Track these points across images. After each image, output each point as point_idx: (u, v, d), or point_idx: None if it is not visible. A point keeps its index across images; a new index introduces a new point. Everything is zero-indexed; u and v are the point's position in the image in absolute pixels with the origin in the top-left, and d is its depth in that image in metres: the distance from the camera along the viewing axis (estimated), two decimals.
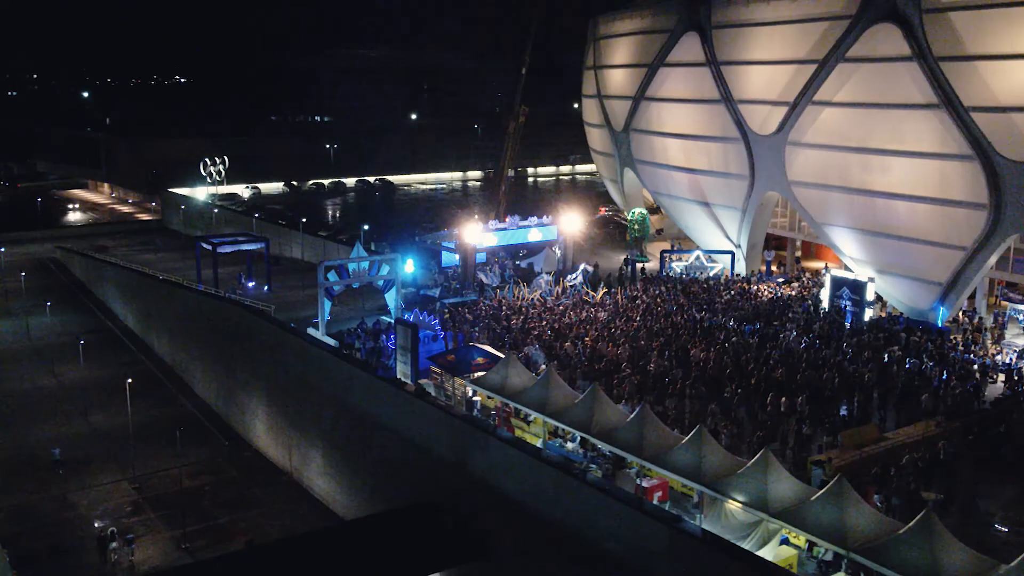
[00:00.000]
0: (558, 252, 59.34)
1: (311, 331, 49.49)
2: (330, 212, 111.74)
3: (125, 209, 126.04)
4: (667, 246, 69.02)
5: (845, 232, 50.14)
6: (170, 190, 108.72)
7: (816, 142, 49.71)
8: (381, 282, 50.65)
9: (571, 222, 59.40)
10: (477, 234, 55.38)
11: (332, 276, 49.11)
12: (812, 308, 50.39)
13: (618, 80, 66.93)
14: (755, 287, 55.54)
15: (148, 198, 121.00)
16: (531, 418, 34.17)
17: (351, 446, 42.78)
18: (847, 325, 46.84)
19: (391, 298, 50.85)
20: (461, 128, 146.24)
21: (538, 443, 33.53)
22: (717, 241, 61.78)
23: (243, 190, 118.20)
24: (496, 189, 71.31)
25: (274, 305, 54.17)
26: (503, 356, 37.51)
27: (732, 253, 59.62)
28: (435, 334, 42.59)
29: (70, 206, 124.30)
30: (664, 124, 61.76)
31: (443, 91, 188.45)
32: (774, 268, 62.60)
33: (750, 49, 53.36)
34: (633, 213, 70.26)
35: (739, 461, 27.95)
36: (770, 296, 53.18)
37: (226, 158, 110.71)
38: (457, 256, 54.94)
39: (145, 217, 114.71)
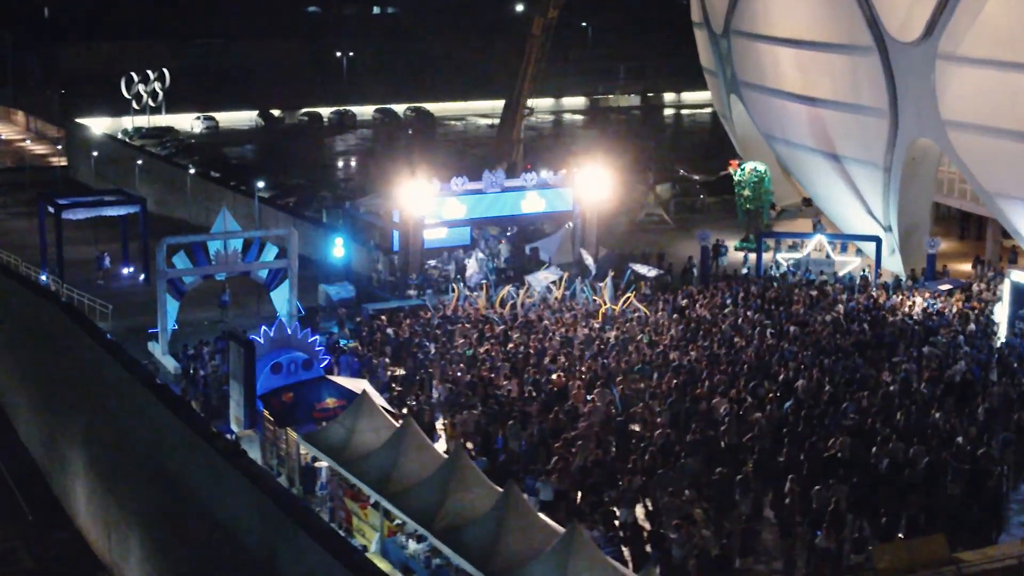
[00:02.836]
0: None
1: (152, 347, 51.17)
2: (340, 160, 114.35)
3: (38, 149, 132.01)
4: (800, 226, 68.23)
5: None
6: (79, 121, 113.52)
7: (978, 55, 49.10)
8: (265, 273, 51.77)
9: (594, 186, 59.08)
10: (429, 200, 55.80)
11: (181, 261, 50.57)
12: (983, 334, 49.38)
13: None
14: (898, 298, 54.38)
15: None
16: (373, 500, 34.42)
17: (169, 531, 44.04)
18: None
19: (281, 298, 51.90)
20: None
21: (372, 541, 33.71)
22: (860, 220, 61.35)
23: (192, 122, 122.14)
24: (509, 126, 71.67)
25: (112, 305, 56.16)
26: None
27: (877, 240, 58.52)
28: (309, 358, 43.21)
29: None
30: (773, 24, 62.13)
31: None
32: (966, 268, 61.08)
33: None
34: (743, 170, 69.44)
35: None
36: (914, 313, 51.95)
37: (165, 72, 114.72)
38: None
39: (59, 162, 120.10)
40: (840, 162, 59.92)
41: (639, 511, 35.86)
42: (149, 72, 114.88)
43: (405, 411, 41.00)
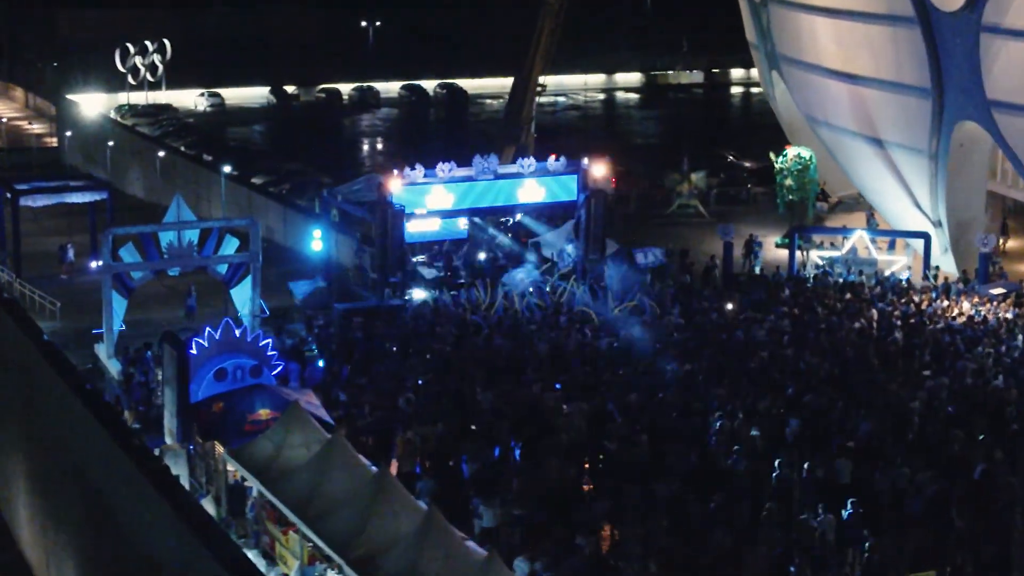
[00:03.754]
0: None
1: (99, 349, 51.63)
2: (354, 143, 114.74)
3: (36, 129, 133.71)
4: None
5: None
6: (70, 97, 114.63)
7: None
8: (224, 268, 52.10)
9: (602, 173, 59.09)
10: (411, 188, 55.90)
11: (129, 254, 50.97)
12: None
13: None
14: (945, 303, 54.02)
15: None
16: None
17: (98, 557, 44.34)
18: None
19: (242, 296, 52.16)
20: None
21: (293, 570, 33.80)
22: (910, 215, 61.27)
23: (196, 99, 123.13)
24: (518, 105, 71.71)
25: (60, 303, 56.79)
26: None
27: (926, 237, 58.10)
28: (257, 364, 43.40)
29: None
30: None
31: None
32: None
33: None
34: (784, 157, 69.15)
35: None
36: (957, 321, 51.56)
37: (166, 43, 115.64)
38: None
39: (54, 144, 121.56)
40: (884, 148, 59.95)
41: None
42: (147, 43, 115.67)
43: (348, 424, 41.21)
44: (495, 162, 57.71)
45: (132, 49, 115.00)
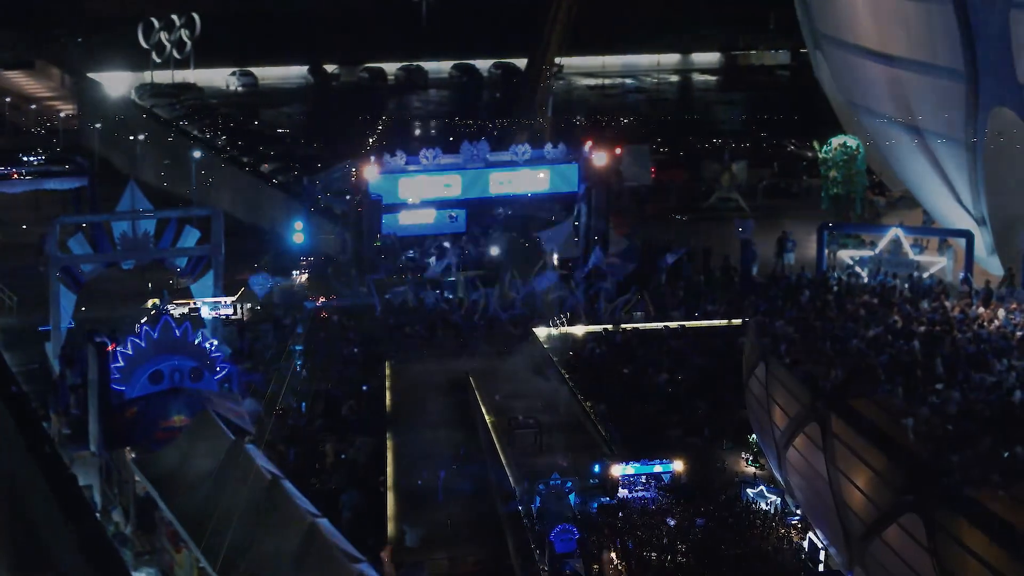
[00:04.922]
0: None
1: (48, 348, 52.17)
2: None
3: (68, 108, 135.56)
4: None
5: None
6: (91, 76, 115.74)
7: None
8: (184, 261, 52.41)
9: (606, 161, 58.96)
10: (390, 177, 56.02)
11: (78, 245, 51.38)
12: None
13: None
14: (981, 310, 52.97)
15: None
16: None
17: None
18: None
19: (203, 292, 52.42)
20: None
21: None
22: (955, 211, 60.60)
23: (228, 78, 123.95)
24: (532, 87, 71.75)
25: (18, 297, 57.37)
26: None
27: (968, 235, 57.13)
28: (198, 366, 43.62)
29: None
30: None
31: None
32: None
33: None
34: (829, 146, 68.61)
35: None
36: (988, 330, 50.57)
37: (196, 17, 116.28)
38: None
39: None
40: (922, 136, 59.22)
41: None
42: (174, 17, 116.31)
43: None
44: (485, 149, 57.56)
45: (157, 24, 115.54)
